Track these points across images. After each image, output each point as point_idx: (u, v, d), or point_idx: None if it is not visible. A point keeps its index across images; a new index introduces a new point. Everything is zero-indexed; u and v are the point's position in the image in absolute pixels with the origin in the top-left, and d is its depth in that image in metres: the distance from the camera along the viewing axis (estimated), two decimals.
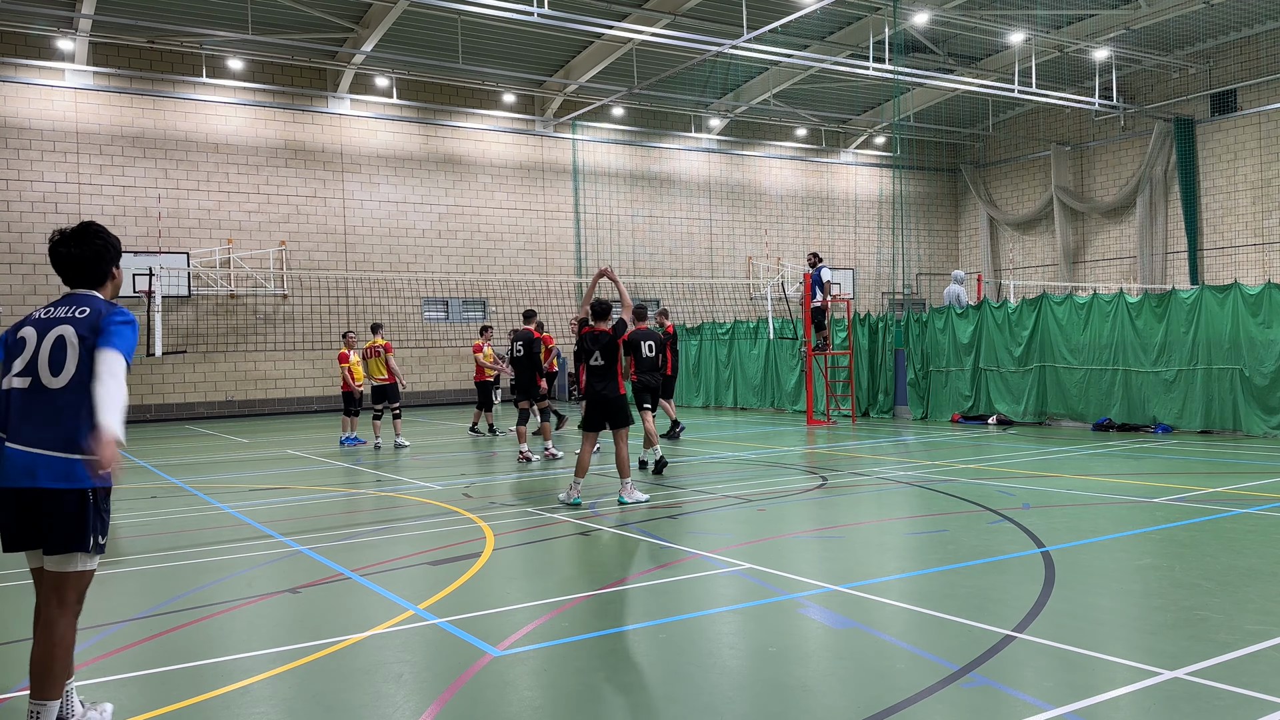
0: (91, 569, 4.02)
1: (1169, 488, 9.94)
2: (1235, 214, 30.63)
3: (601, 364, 10.01)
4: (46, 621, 3.92)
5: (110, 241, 4.17)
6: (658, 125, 33.11)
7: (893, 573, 6.70)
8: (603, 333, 10.08)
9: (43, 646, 3.89)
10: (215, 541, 8.36)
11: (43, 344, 3.93)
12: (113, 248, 4.18)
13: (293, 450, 16.67)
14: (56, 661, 3.87)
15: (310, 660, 5.03)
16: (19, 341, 3.99)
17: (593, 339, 10.09)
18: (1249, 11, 28.21)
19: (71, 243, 4.09)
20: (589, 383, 10.08)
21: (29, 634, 5.66)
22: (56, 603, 3.94)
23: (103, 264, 4.14)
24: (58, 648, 3.88)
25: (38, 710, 3.85)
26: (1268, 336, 14.59)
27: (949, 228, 39.85)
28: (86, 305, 4.02)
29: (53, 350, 3.91)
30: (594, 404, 10.05)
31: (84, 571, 3.98)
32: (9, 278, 23.97)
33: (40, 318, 4.02)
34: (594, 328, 10.14)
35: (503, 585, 6.60)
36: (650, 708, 4.31)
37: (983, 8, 26.32)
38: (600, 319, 10.17)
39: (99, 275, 4.14)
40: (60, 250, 4.09)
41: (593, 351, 10.05)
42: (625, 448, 9.94)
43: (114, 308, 4.02)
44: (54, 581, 3.95)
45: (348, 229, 28.05)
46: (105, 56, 24.94)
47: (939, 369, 19.42)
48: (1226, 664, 4.56)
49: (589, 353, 10.07)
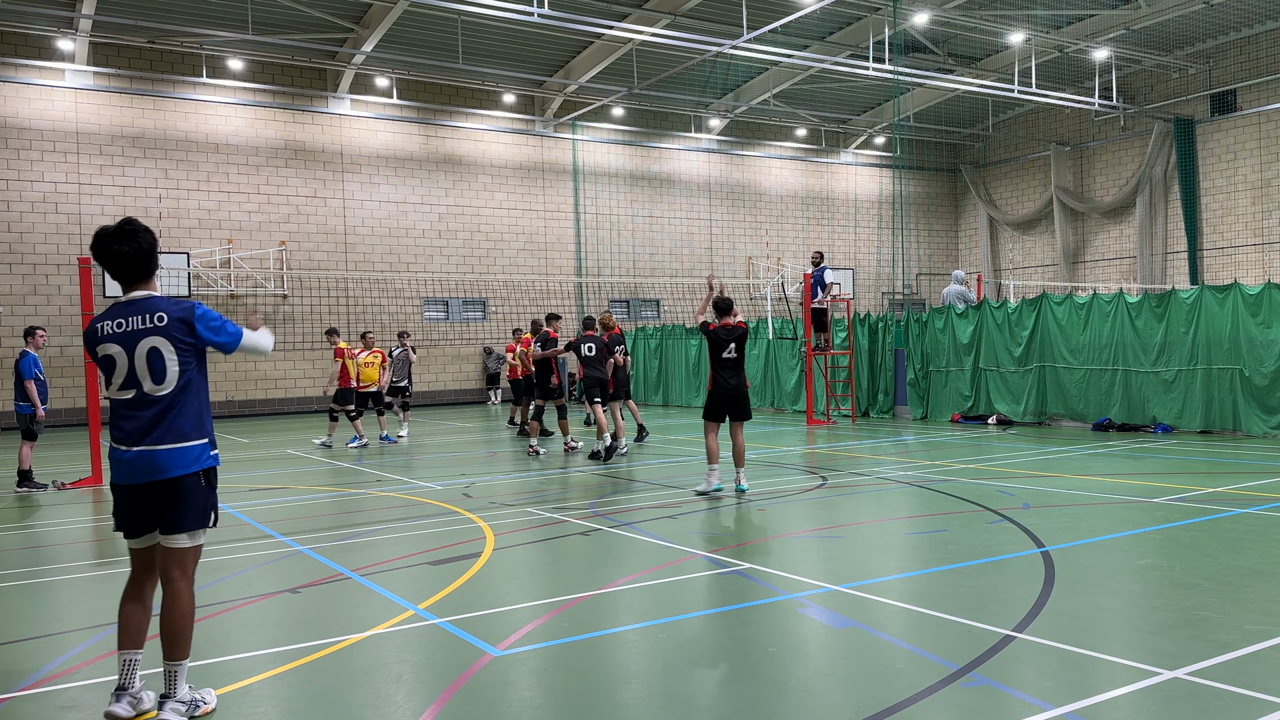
0: (204, 541, 4.45)
1: (1169, 488, 9.94)
2: (1235, 214, 30.64)
3: (735, 357, 10.20)
4: (174, 592, 4.30)
5: (153, 237, 4.45)
6: (658, 125, 33.12)
7: (893, 573, 6.69)
8: (736, 327, 10.23)
9: (174, 614, 4.27)
10: (215, 541, 8.35)
11: (136, 357, 4.27)
12: (155, 242, 4.47)
13: (293, 450, 16.67)
14: (186, 628, 4.30)
15: (310, 660, 5.03)
16: (108, 360, 4.31)
17: (727, 333, 10.20)
18: (1249, 11, 28.21)
19: (122, 240, 4.31)
20: (722, 376, 10.18)
21: (30, 634, 5.68)
22: (180, 574, 4.32)
23: (154, 259, 4.43)
24: (185, 615, 4.30)
25: (174, 670, 4.26)
26: (1267, 336, 14.59)
27: (949, 228, 39.85)
28: (161, 311, 4.31)
29: (150, 361, 4.26)
30: (725, 397, 10.14)
31: (201, 545, 4.43)
32: (9, 278, 23.97)
33: (118, 332, 4.28)
34: (725, 323, 10.23)
35: (503, 585, 6.60)
36: (650, 708, 4.31)
37: (983, 8, 26.32)
38: (727, 314, 10.27)
39: (150, 270, 4.42)
40: (113, 249, 4.30)
41: (727, 344, 10.17)
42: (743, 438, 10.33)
43: (179, 305, 4.35)
44: (178, 557, 4.33)
45: (348, 229, 28.05)
46: (105, 56, 24.95)
47: (939, 369, 19.42)
48: (1226, 664, 4.56)
49: (722, 347, 10.16)
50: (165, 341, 4.25)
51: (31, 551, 8.52)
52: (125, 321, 4.28)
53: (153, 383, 4.25)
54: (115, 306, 4.36)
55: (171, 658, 4.26)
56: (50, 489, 12.13)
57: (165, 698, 4.22)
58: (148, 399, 4.26)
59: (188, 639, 4.30)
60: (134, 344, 4.25)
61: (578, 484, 11.64)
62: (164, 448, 4.23)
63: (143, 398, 4.26)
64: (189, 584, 4.35)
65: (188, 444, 4.28)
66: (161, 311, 4.29)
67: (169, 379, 4.26)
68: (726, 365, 10.21)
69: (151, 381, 4.25)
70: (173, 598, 4.29)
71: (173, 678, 4.24)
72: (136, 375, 4.25)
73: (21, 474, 12.10)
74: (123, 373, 4.27)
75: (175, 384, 4.27)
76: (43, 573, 7.50)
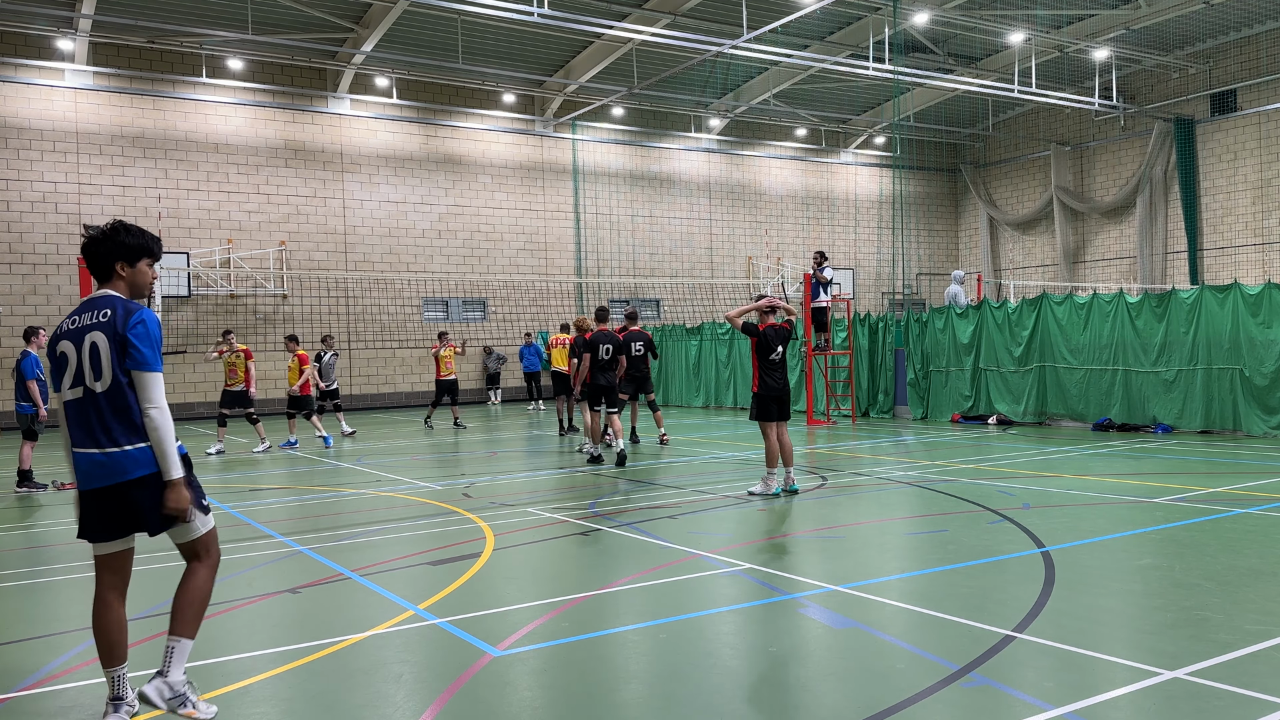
0: (210, 526, 4.30)
1: (1169, 488, 9.94)
2: (1235, 214, 30.63)
3: (781, 357, 10.17)
4: (193, 570, 4.24)
5: (134, 239, 4.28)
6: (658, 125, 33.11)
7: (893, 573, 6.70)
8: (782, 328, 10.24)
9: (191, 585, 4.20)
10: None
11: (82, 354, 4.13)
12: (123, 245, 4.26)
13: (293, 450, 16.68)
14: (196, 603, 4.20)
15: (310, 660, 5.03)
16: (62, 358, 4.19)
17: (775, 334, 10.19)
18: (1249, 11, 28.20)
19: (99, 237, 4.26)
20: (770, 377, 10.13)
21: (30, 634, 5.68)
22: (197, 560, 4.26)
23: (119, 259, 4.24)
24: (199, 590, 4.22)
25: (173, 646, 4.12)
26: (1268, 336, 14.59)
27: (949, 228, 39.85)
28: (107, 307, 4.17)
29: (91, 357, 4.12)
30: (774, 397, 10.11)
31: (205, 532, 4.27)
32: (9, 278, 23.97)
33: (71, 329, 4.21)
34: (771, 323, 10.23)
35: (503, 585, 6.60)
36: (650, 708, 4.31)
37: (983, 8, 26.32)
38: (772, 313, 10.28)
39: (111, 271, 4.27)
40: (88, 244, 4.27)
41: (775, 346, 10.15)
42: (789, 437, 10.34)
43: (130, 309, 4.16)
44: (187, 550, 4.26)
45: (348, 229, 28.05)
46: (105, 56, 24.94)
47: (939, 369, 19.42)
48: (1226, 664, 4.56)
49: (770, 349, 10.13)
50: (102, 337, 4.09)
51: (31, 551, 8.52)
52: (79, 317, 4.19)
53: (93, 379, 4.09)
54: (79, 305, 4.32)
55: (175, 632, 4.13)
56: (50, 489, 12.14)
57: (158, 674, 4.09)
58: (94, 396, 4.09)
59: (197, 616, 4.19)
60: (81, 339, 4.13)
61: (578, 484, 11.64)
62: (121, 449, 4.06)
63: (90, 395, 4.10)
64: (208, 563, 4.27)
65: (144, 444, 4.09)
66: (108, 309, 4.15)
67: (104, 376, 4.08)
68: (774, 366, 10.18)
69: (93, 378, 4.09)
70: (193, 572, 4.24)
71: (170, 655, 4.10)
72: (83, 373, 4.11)
73: (22, 474, 12.10)
74: (73, 370, 4.14)
75: (110, 383, 4.07)
76: (43, 573, 7.50)
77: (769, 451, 10.16)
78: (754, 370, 10.24)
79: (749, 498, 9.93)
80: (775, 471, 10.18)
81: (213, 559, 4.30)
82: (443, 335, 20.75)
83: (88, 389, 4.11)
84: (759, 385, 10.15)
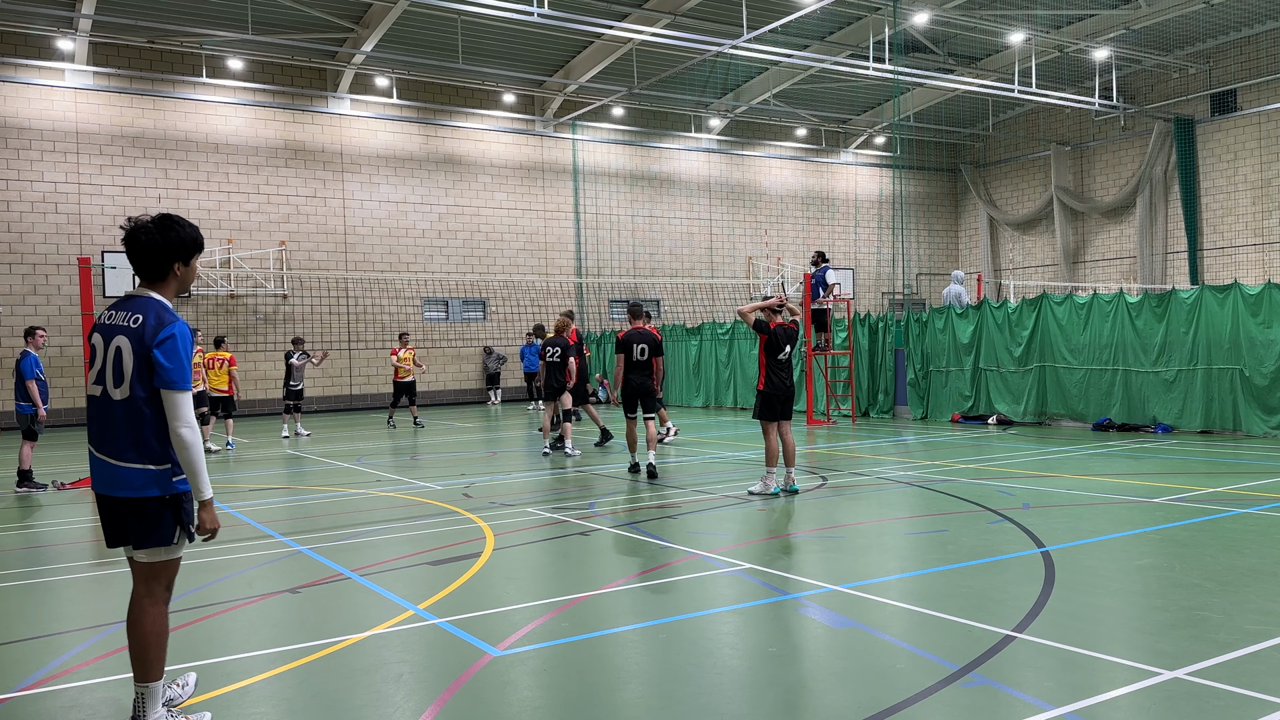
0: (176, 558, 4.12)
1: (1169, 488, 9.94)
2: (1235, 214, 30.63)
3: (789, 356, 10.18)
4: (138, 612, 4.04)
5: (177, 236, 4.10)
6: (658, 125, 33.11)
7: (893, 573, 6.69)
8: (789, 327, 10.25)
9: (136, 636, 4.02)
10: (216, 541, 8.35)
11: (108, 353, 4.02)
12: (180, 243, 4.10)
13: (293, 450, 16.68)
14: (150, 649, 4.01)
15: (310, 660, 5.03)
16: (93, 349, 4.09)
17: (784, 333, 10.20)
18: (1249, 11, 28.20)
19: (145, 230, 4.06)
20: (777, 376, 10.13)
21: (30, 634, 5.68)
22: (146, 592, 4.06)
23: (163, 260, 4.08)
24: (149, 635, 4.02)
25: (142, 693, 4.01)
26: (1268, 336, 14.59)
27: (949, 228, 39.85)
28: (140, 313, 4.03)
29: (114, 362, 3.99)
30: (779, 396, 10.11)
31: (169, 561, 4.10)
32: (9, 278, 23.97)
33: (105, 323, 4.09)
34: (779, 322, 10.21)
35: (503, 585, 6.60)
36: (650, 708, 4.31)
37: (983, 8, 26.32)
38: (777, 313, 10.28)
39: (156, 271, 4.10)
40: (131, 235, 4.07)
41: (784, 345, 10.15)
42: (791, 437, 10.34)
43: (164, 320, 4.00)
44: (144, 572, 4.07)
45: (348, 229, 28.05)
46: (105, 56, 24.94)
47: (939, 369, 19.42)
48: (1226, 664, 4.56)
49: (779, 348, 10.13)
50: (128, 344, 3.96)
51: (31, 551, 8.52)
52: (114, 314, 4.08)
53: (113, 385, 3.97)
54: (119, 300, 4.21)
55: (137, 679, 4.00)
56: (50, 489, 12.13)
57: None
58: (110, 401, 3.99)
59: (154, 661, 4.00)
60: (110, 338, 4.01)
61: (578, 484, 11.64)
62: (119, 464, 3.96)
63: (106, 398, 4.00)
64: (155, 602, 4.04)
65: (144, 465, 3.95)
66: (140, 314, 4.00)
67: (123, 385, 3.95)
68: (781, 365, 10.19)
69: (113, 384, 3.98)
70: (136, 615, 4.01)
71: (143, 702, 3.98)
72: (105, 373, 4.00)
73: (21, 474, 12.10)
74: (97, 366, 4.03)
75: (128, 394, 3.94)
76: (43, 573, 7.50)
77: (769, 450, 10.18)
78: (760, 368, 10.26)
79: (749, 497, 9.93)
80: (774, 471, 10.19)
81: (164, 597, 4.09)
82: (403, 336, 21.75)
83: (106, 392, 4.00)
84: (765, 383, 10.16)
